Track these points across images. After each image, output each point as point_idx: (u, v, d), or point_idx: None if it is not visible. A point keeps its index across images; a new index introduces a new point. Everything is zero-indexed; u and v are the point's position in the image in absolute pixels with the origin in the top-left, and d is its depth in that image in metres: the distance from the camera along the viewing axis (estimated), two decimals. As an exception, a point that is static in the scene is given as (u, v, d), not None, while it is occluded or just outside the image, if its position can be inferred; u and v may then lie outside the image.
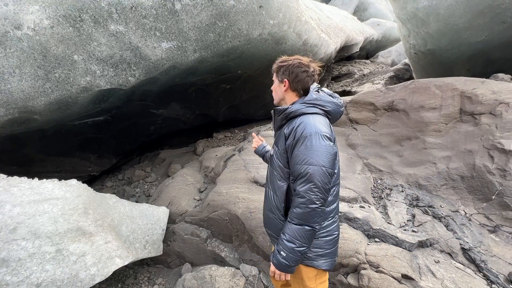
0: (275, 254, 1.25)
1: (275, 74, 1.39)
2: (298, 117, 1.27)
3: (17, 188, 1.62)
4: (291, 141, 1.24)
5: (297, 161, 1.20)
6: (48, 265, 1.49)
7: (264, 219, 1.54)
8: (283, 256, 1.21)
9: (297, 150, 1.21)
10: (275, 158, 1.38)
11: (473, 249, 2.03)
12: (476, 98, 2.98)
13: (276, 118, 1.36)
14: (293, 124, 1.26)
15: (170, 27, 2.78)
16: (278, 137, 1.37)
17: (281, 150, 1.32)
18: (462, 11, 3.41)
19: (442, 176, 2.77)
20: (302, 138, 1.19)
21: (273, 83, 1.43)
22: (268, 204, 1.46)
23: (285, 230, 1.23)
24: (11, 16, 2.28)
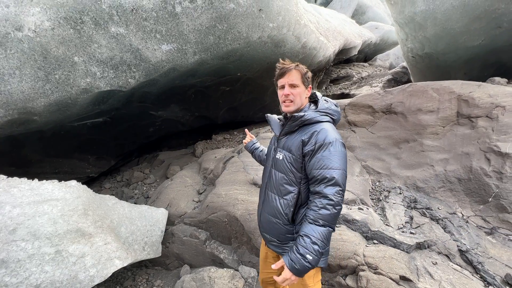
0: (297, 259, 1.17)
1: (301, 79, 1.37)
2: (314, 125, 1.33)
3: (17, 189, 1.62)
4: (312, 147, 1.27)
5: (321, 166, 1.24)
6: (47, 266, 1.49)
7: (262, 223, 1.51)
8: (309, 259, 1.16)
9: (320, 155, 1.25)
10: (286, 163, 1.37)
11: (470, 251, 2.04)
12: (473, 102, 3.02)
13: (291, 124, 1.37)
14: (310, 131, 1.31)
15: (171, 30, 2.80)
16: (291, 143, 1.37)
17: (296, 156, 1.33)
18: (459, 15, 3.46)
19: (439, 179, 2.80)
20: (326, 145, 1.26)
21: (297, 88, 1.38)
22: (270, 209, 1.43)
23: (309, 233, 1.19)
24: (12, 17, 2.29)
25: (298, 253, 1.18)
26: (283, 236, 1.42)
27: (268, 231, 1.48)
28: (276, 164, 1.43)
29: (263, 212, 1.51)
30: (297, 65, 1.37)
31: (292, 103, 1.38)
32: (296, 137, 1.36)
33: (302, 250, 1.17)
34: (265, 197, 1.50)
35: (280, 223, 1.39)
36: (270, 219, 1.44)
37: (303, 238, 1.19)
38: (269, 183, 1.47)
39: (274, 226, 1.42)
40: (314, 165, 1.26)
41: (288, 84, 1.36)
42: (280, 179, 1.39)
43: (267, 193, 1.48)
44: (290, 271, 1.18)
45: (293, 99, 1.37)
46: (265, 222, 1.49)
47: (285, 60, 1.41)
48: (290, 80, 1.36)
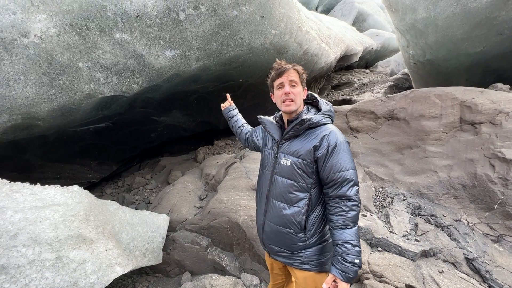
0: (348, 268, 1.15)
1: (299, 79, 1.34)
2: (320, 128, 1.31)
3: (19, 194, 1.61)
4: (325, 151, 1.25)
5: (339, 168, 1.23)
6: (47, 273, 1.46)
7: (268, 234, 1.42)
8: (358, 263, 1.16)
9: (335, 158, 1.24)
10: (295, 169, 1.30)
11: (477, 259, 2.01)
12: (476, 108, 3.01)
13: (298, 128, 1.32)
14: (319, 135, 1.28)
15: (174, 36, 2.83)
16: (298, 147, 1.31)
17: (307, 161, 1.28)
18: (460, 22, 3.48)
19: (443, 185, 2.77)
20: (339, 147, 1.25)
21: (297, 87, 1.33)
22: (278, 219, 1.36)
23: (347, 239, 1.18)
24: (18, 24, 2.32)
25: (347, 262, 1.15)
26: (294, 246, 1.35)
27: (276, 242, 1.40)
28: (282, 171, 1.35)
29: (267, 222, 1.42)
30: (294, 65, 1.35)
31: (293, 102, 1.32)
32: (304, 141, 1.31)
33: (350, 258, 1.16)
34: (269, 205, 1.41)
35: (292, 232, 1.33)
36: (279, 229, 1.36)
37: (345, 246, 1.17)
38: (273, 190, 1.39)
39: (284, 236, 1.35)
40: (332, 169, 1.23)
41: (288, 81, 1.31)
42: (289, 186, 1.32)
43: (271, 201, 1.39)
44: (345, 282, 1.16)
45: (294, 98, 1.31)
46: (271, 233, 1.40)
47: (281, 61, 1.38)
48: (290, 78, 1.31)
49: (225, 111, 1.97)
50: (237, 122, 1.89)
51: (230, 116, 1.93)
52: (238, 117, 1.93)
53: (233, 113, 1.94)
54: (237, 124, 1.89)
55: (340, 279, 1.15)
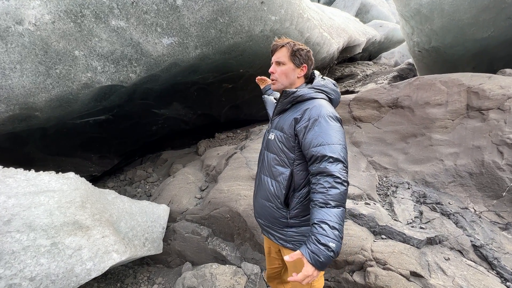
0: (319, 250, 1.01)
1: (289, 57, 1.29)
2: (306, 101, 1.26)
3: (13, 179, 1.58)
4: (305, 123, 1.19)
5: (319, 142, 1.14)
6: (42, 259, 1.44)
7: (256, 208, 1.45)
8: (332, 248, 1.01)
9: (315, 132, 1.16)
10: (277, 143, 1.30)
11: (485, 246, 1.94)
12: (483, 93, 2.91)
13: (283, 101, 1.31)
14: (303, 108, 1.24)
15: (171, 23, 2.76)
16: (283, 121, 1.31)
17: (287, 134, 1.26)
18: (467, 6, 3.36)
19: (449, 173, 2.69)
20: (320, 120, 1.17)
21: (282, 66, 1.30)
22: (263, 192, 1.38)
23: (324, 218, 1.04)
24: (12, 11, 2.28)
25: (319, 243, 1.01)
26: (276, 221, 1.35)
27: (261, 216, 1.42)
28: (268, 145, 1.37)
29: (257, 196, 1.45)
30: (288, 42, 1.30)
31: (276, 81, 1.32)
32: (289, 115, 1.29)
33: (323, 239, 1.01)
34: (259, 181, 1.43)
35: (273, 206, 1.33)
36: (264, 203, 1.38)
37: (320, 226, 1.04)
38: (262, 166, 1.41)
39: (267, 210, 1.36)
40: (311, 143, 1.15)
41: (275, 61, 1.31)
42: (272, 160, 1.33)
43: (261, 176, 1.42)
44: (312, 266, 1.01)
45: (276, 77, 1.31)
46: (258, 206, 1.43)
47: (281, 38, 1.35)
48: (277, 57, 1.31)
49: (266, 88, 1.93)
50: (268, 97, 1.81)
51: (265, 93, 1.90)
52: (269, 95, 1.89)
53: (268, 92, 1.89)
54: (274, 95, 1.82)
55: (307, 260, 1.01)
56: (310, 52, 1.34)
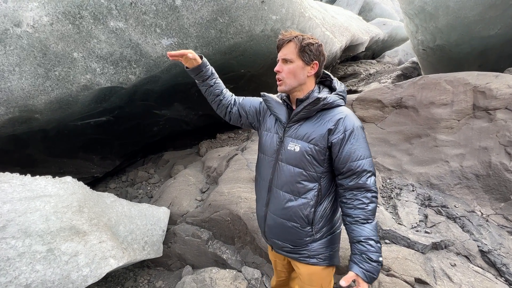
0: (373, 268, 1.05)
1: (298, 53, 1.11)
2: (334, 109, 1.15)
3: (8, 184, 1.56)
4: (341, 135, 1.10)
5: (358, 157, 1.10)
6: (38, 265, 1.42)
7: (271, 228, 1.28)
8: (381, 262, 1.06)
9: (353, 144, 1.10)
10: (305, 156, 1.14)
11: (493, 252, 1.88)
12: (490, 93, 2.83)
13: (310, 109, 1.13)
14: (333, 117, 1.12)
15: (171, 24, 2.73)
16: (309, 131, 1.15)
17: (320, 147, 1.12)
18: (473, 3, 3.27)
19: (455, 175, 2.62)
20: (355, 132, 1.11)
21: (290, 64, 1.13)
22: (282, 211, 1.21)
23: (370, 235, 1.07)
24: (10, 13, 2.26)
25: (372, 261, 1.04)
26: (300, 241, 1.23)
27: (279, 237, 1.27)
28: (289, 157, 1.18)
29: (270, 214, 1.27)
30: (296, 36, 1.12)
31: (282, 82, 1.15)
32: (316, 124, 1.14)
33: (374, 255, 1.05)
34: (271, 196, 1.25)
35: (298, 226, 1.20)
36: (284, 223, 1.22)
37: (368, 243, 1.06)
38: (277, 179, 1.22)
39: (289, 230, 1.22)
40: (350, 157, 1.09)
41: (281, 59, 1.15)
42: (297, 175, 1.16)
43: (275, 191, 1.23)
44: (367, 283, 1.05)
45: (282, 77, 1.14)
46: (274, 226, 1.26)
47: (287, 31, 1.16)
48: (283, 54, 1.14)
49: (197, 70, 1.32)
50: (217, 85, 1.39)
51: (205, 75, 1.35)
52: (217, 78, 1.41)
53: (209, 72, 1.36)
54: (217, 88, 1.39)
55: (364, 280, 1.04)
56: (321, 46, 1.15)
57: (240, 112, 1.42)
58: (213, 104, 1.43)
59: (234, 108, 1.41)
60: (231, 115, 1.42)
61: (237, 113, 1.42)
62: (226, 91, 1.43)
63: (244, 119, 1.42)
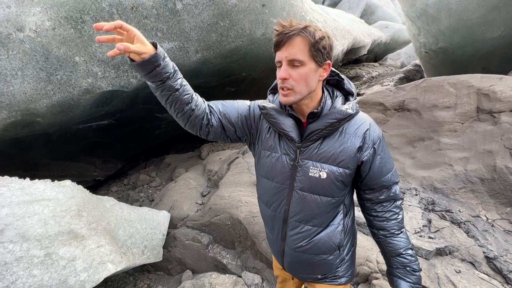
0: (418, 279, 1.01)
1: (310, 51, 0.82)
2: (354, 119, 0.95)
3: (7, 188, 1.56)
4: (370, 151, 0.94)
5: (388, 170, 0.99)
6: (35, 270, 1.41)
7: (293, 264, 1.12)
8: (421, 269, 1.04)
9: (383, 158, 0.97)
10: (335, 182, 0.94)
11: (499, 258, 1.83)
12: (495, 96, 2.79)
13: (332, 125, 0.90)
14: (358, 130, 0.93)
15: (172, 27, 2.74)
16: (336, 151, 0.92)
17: (351, 169, 0.94)
18: (476, 5, 3.25)
19: (459, 179, 2.57)
20: (382, 143, 0.98)
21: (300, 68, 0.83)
22: (309, 247, 1.03)
23: (407, 245, 1.03)
24: (13, 18, 2.29)
25: (416, 272, 1.01)
26: (330, 269, 1.10)
27: (305, 272, 1.13)
28: (313, 186, 0.95)
29: (289, 251, 1.08)
30: (305, 28, 0.81)
31: (291, 92, 0.85)
32: (341, 141, 0.92)
33: (417, 266, 1.01)
34: (288, 230, 1.04)
35: (328, 257, 1.06)
36: (310, 258, 1.05)
37: (408, 254, 1.02)
38: (297, 211, 1.00)
39: (317, 263, 1.07)
40: (382, 172, 0.97)
41: (287, 60, 0.82)
42: (326, 205, 0.97)
43: (293, 224, 1.02)
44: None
45: (293, 86, 0.84)
46: (297, 263, 1.09)
47: (286, 21, 0.83)
48: (290, 54, 0.81)
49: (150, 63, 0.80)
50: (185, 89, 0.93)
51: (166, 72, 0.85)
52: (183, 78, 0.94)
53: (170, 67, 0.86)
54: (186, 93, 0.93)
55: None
56: (332, 39, 0.88)
57: (223, 125, 1.03)
58: (181, 117, 0.98)
59: (214, 119, 1.01)
60: (209, 128, 1.02)
61: (219, 126, 1.03)
62: (197, 97, 0.99)
63: (231, 132, 1.05)
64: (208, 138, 1.07)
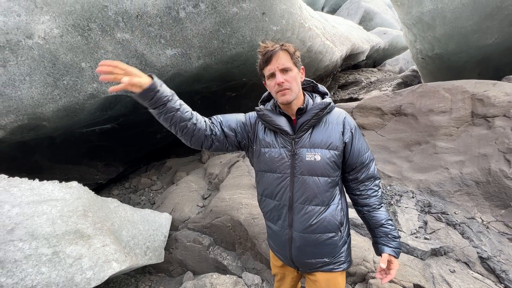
0: (399, 244, 1.19)
1: (292, 60, 1.09)
2: (332, 111, 1.20)
3: (17, 189, 1.62)
4: (349, 134, 1.17)
5: (364, 150, 1.21)
6: (43, 268, 1.46)
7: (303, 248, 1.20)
8: (400, 236, 1.23)
9: (359, 140, 1.20)
10: (328, 163, 1.12)
11: (492, 258, 1.88)
12: (488, 101, 2.87)
13: (321, 115, 1.14)
14: (338, 118, 1.18)
15: (175, 35, 2.84)
16: (324, 137, 1.13)
17: (339, 151, 1.14)
18: (469, 13, 3.35)
19: (455, 182, 2.63)
20: (356, 128, 1.21)
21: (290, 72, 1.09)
22: (316, 226, 1.16)
23: (386, 216, 1.21)
24: (23, 26, 2.38)
25: (397, 238, 1.18)
26: (336, 249, 1.21)
27: (314, 255, 1.20)
28: (311, 168, 1.12)
29: (298, 234, 1.18)
30: (283, 45, 1.09)
31: (289, 90, 1.09)
32: (327, 129, 1.15)
33: (396, 233, 1.19)
34: (295, 214, 1.17)
35: (334, 235, 1.19)
36: (319, 238, 1.17)
37: (389, 224, 1.20)
38: (300, 195, 1.15)
39: (325, 243, 1.19)
40: (359, 152, 1.19)
41: (279, 70, 1.08)
42: (324, 184, 1.14)
43: (300, 208, 1.15)
44: (396, 259, 1.17)
45: (290, 86, 1.08)
46: (307, 245, 1.19)
47: (266, 43, 1.12)
48: (280, 64, 1.07)
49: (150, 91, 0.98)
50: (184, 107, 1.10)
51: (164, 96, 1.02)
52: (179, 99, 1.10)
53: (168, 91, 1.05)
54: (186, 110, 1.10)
55: (395, 257, 1.15)
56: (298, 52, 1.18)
57: (225, 132, 1.20)
58: (186, 134, 1.11)
59: (216, 129, 1.17)
60: (214, 137, 1.17)
61: (221, 133, 1.18)
62: (195, 113, 1.14)
63: (232, 139, 1.21)
64: (211, 149, 1.21)
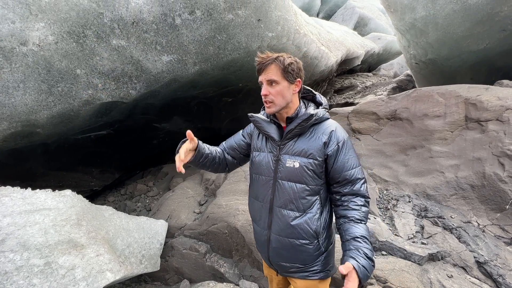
0: (369, 265, 1.02)
1: (282, 74, 1.14)
2: (323, 123, 1.22)
3: (9, 198, 1.59)
4: (335, 147, 1.17)
5: (351, 166, 1.18)
6: (35, 279, 1.42)
7: (278, 251, 1.25)
8: (374, 261, 1.06)
9: (346, 155, 1.18)
10: (306, 171, 1.17)
11: (489, 263, 1.88)
12: (481, 105, 2.91)
13: (304, 125, 1.18)
14: (325, 130, 1.19)
15: (171, 41, 2.84)
16: (305, 146, 1.18)
17: (319, 161, 1.17)
18: (461, 20, 3.42)
19: (451, 186, 2.65)
20: (347, 143, 1.20)
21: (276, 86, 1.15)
22: (290, 231, 1.20)
23: (364, 234, 1.09)
24: (17, 33, 2.36)
25: (367, 258, 1.03)
26: (310, 258, 1.23)
27: (287, 259, 1.25)
28: (289, 174, 1.19)
29: (274, 236, 1.24)
30: (277, 58, 1.14)
31: (272, 104, 1.17)
32: (311, 139, 1.19)
33: (370, 253, 1.05)
34: (274, 217, 1.24)
35: (307, 243, 1.20)
36: (292, 242, 1.21)
37: (364, 240, 1.07)
38: (278, 198, 1.22)
39: (298, 249, 1.21)
40: (344, 167, 1.17)
41: (266, 81, 1.16)
42: (300, 191, 1.18)
43: (277, 211, 1.22)
44: (359, 280, 0.99)
45: (273, 99, 1.16)
46: (281, 248, 1.24)
47: (263, 53, 1.19)
48: (268, 76, 1.15)
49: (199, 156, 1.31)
50: (210, 150, 1.38)
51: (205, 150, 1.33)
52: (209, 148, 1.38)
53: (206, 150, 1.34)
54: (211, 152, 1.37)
55: (358, 275, 0.99)
56: (300, 63, 1.21)
57: (232, 155, 1.43)
58: (214, 169, 1.40)
59: (228, 157, 1.43)
60: (227, 163, 1.43)
61: (230, 158, 1.43)
62: (213, 148, 1.41)
63: (238, 155, 1.43)
64: (229, 171, 1.47)
